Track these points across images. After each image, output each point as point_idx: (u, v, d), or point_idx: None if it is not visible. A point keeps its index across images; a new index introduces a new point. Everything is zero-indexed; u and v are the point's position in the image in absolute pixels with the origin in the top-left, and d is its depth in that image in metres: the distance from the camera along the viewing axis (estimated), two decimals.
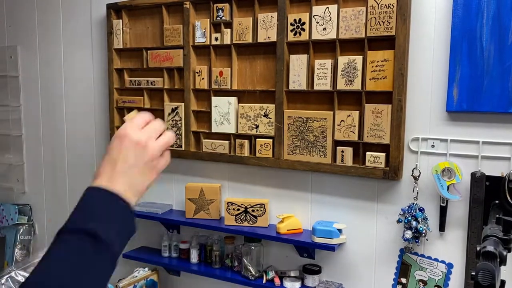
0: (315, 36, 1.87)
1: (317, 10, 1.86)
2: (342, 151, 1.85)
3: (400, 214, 1.79)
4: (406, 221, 1.75)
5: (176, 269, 2.30)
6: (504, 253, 1.09)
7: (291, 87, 1.94)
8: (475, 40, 1.62)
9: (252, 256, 2.05)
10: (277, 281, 2.00)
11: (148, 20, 2.30)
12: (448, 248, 1.76)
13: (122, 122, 0.77)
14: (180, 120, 2.21)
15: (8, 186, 2.91)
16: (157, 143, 0.76)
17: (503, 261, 1.08)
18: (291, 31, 1.92)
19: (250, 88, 2.05)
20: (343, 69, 1.83)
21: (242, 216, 2.06)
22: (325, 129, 1.87)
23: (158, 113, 2.29)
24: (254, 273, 2.03)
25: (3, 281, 2.07)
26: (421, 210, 1.75)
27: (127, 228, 0.68)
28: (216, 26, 2.10)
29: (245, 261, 2.05)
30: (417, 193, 1.75)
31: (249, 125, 2.05)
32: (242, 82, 2.09)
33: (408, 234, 1.74)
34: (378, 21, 1.74)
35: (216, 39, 2.09)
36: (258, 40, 1.99)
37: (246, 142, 2.06)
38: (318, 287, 1.96)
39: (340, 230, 1.88)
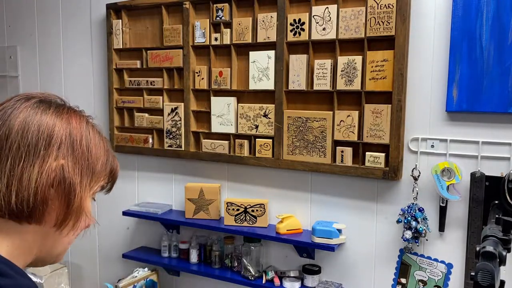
0: (315, 36, 1.87)
1: (317, 10, 1.86)
2: (342, 151, 1.85)
3: (399, 214, 1.79)
4: (405, 221, 1.75)
5: (176, 269, 2.30)
6: (504, 253, 1.09)
7: (290, 87, 1.94)
8: (475, 40, 1.62)
9: (251, 256, 2.05)
10: (276, 281, 2.00)
11: (147, 20, 2.30)
12: (448, 248, 1.76)
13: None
14: (180, 120, 2.21)
15: None
16: None
17: (502, 261, 1.08)
18: (291, 31, 1.92)
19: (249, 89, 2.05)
20: (343, 69, 1.83)
21: (242, 216, 2.06)
22: (325, 129, 1.87)
23: (157, 113, 2.29)
24: (253, 273, 2.03)
25: None
26: (421, 210, 1.75)
27: None
28: (216, 26, 2.10)
29: (244, 261, 2.05)
30: (417, 193, 1.75)
31: (248, 125, 2.05)
32: (241, 82, 2.09)
33: (408, 234, 1.74)
34: (378, 21, 1.74)
35: (216, 39, 2.09)
36: (258, 40, 1.99)
37: (246, 142, 2.06)
38: (317, 287, 1.96)
39: (339, 230, 1.87)
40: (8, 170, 0.68)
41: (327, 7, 1.84)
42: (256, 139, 2.04)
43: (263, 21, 1.97)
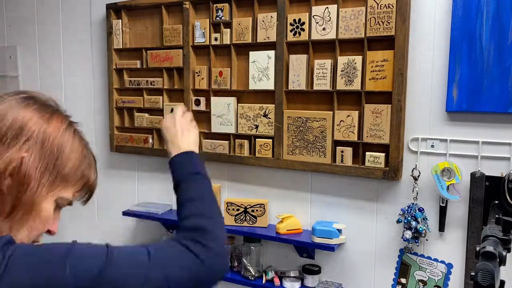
0: (315, 36, 1.87)
1: (317, 10, 1.86)
2: (342, 151, 1.85)
3: (399, 214, 1.79)
4: (405, 221, 1.75)
5: None
6: (504, 253, 1.09)
7: (290, 87, 1.94)
8: (475, 40, 1.62)
9: (251, 256, 2.05)
10: (276, 281, 2.00)
11: (147, 20, 2.30)
12: (448, 248, 1.76)
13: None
14: None
15: None
16: (188, 113, 1.40)
17: (502, 261, 1.08)
18: (291, 31, 1.92)
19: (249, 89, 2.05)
20: (343, 69, 1.83)
21: (242, 216, 2.06)
22: (325, 129, 1.87)
23: (157, 113, 2.29)
24: (253, 273, 2.03)
25: None
26: (421, 210, 1.75)
27: (203, 164, 1.19)
28: (216, 26, 2.10)
29: (244, 261, 2.05)
30: (417, 193, 1.75)
31: (248, 125, 2.05)
32: (241, 82, 2.09)
33: (408, 234, 1.74)
34: (378, 21, 1.74)
35: (216, 39, 2.09)
36: (258, 40, 1.99)
37: (246, 142, 2.06)
38: (317, 287, 1.96)
39: (339, 230, 1.88)
40: None
41: (327, 7, 1.84)
42: (256, 139, 2.04)
43: (263, 21, 1.97)
